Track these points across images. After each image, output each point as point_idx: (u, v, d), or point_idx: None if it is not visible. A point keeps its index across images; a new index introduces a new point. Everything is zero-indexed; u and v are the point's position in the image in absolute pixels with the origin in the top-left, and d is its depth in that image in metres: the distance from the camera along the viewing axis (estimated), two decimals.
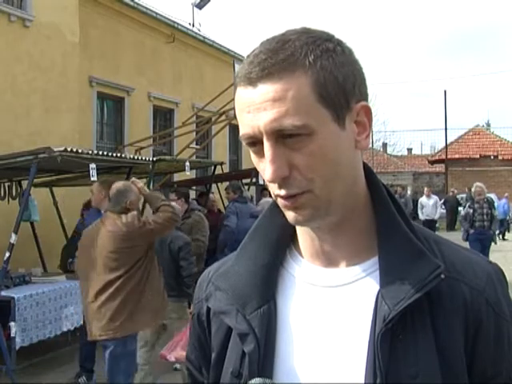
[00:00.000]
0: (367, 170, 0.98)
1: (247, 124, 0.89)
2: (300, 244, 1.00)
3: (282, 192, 0.89)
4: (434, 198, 17.92)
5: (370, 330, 0.90)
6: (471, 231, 10.90)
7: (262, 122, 0.87)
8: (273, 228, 1.01)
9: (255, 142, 0.90)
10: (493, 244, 11.40)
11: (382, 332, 0.87)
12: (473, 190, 11.54)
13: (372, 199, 0.97)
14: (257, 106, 0.87)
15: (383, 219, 0.95)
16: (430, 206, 17.33)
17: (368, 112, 0.92)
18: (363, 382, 0.88)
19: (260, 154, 0.90)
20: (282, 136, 0.87)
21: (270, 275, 0.98)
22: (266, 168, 0.88)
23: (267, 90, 0.86)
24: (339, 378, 0.90)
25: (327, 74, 0.87)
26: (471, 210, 11.03)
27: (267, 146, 0.88)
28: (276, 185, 0.89)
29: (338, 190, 0.90)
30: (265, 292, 0.96)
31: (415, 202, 19.75)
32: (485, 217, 10.91)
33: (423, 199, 17.90)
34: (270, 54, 0.87)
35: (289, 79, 0.86)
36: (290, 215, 0.91)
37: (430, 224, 16.65)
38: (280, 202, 0.91)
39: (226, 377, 0.97)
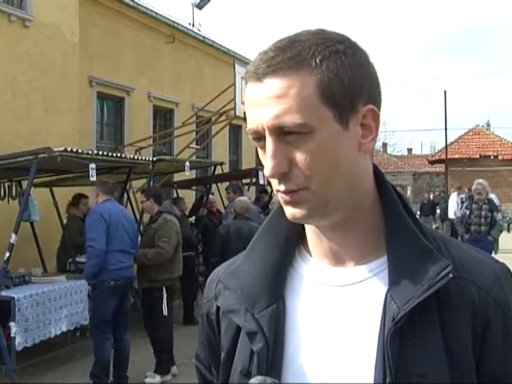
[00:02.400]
0: (377, 171, 0.99)
1: (252, 119, 0.91)
2: (308, 243, 1.01)
3: (282, 187, 0.91)
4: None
5: (379, 329, 0.90)
6: (466, 237, 9.15)
7: (265, 118, 0.88)
8: (281, 227, 1.02)
9: (260, 138, 0.92)
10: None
11: (391, 331, 0.88)
12: (473, 188, 9.59)
13: (381, 200, 0.98)
14: (261, 102, 0.89)
15: (391, 219, 0.96)
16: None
17: (375, 116, 0.92)
18: (372, 381, 0.88)
19: (264, 149, 0.92)
20: (283, 133, 0.88)
21: (279, 274, 0.98)
22: (266, 163, 0.90)
23: (272, 86, 0.88)
24: (348, 377, 0.90)
25: (333, 75, 0.88)
26: (467, 212, 9.28)
27: (269, 141, 0.89)
28: (276, 180, 0.91)
29: (336, 189, 0.91)
30: (273, 291, 0.97)
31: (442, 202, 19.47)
32: (482, 220, 9.12)
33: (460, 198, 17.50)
34: (277, 52, 0.89)
35: (293, 77, 0.87)
36: (288, 211, 0.93)
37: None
38: (280, 196, 0.93)
39: (235, 376, 0.98)
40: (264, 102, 0.88)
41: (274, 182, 0.92)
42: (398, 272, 0.91)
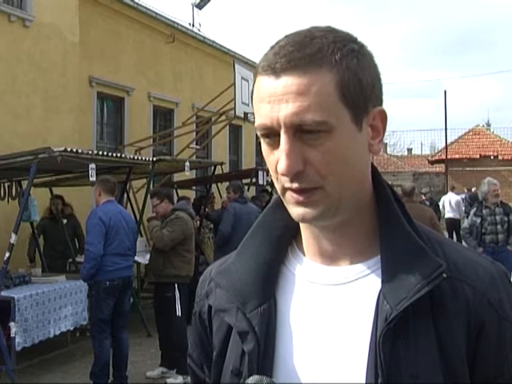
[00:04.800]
0: (374, 170, 0.98)
1: (265, 114, 0.88)
2: (303, 242, 1.00)
3: (294, 185, 0.88)
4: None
5: (371, 329, 0.89)
6: (480, 250, 7.07)
7: (283, 114, 0.86)
8: (275, 225, 1.01)
9: (270, 134, 0.89)
10: None
11: (383, 332, 0.87)
12: (484, 188, 7.55)
13: (376, 199, 0.97)
14: (278, 98, 0.86)
15: (386, 219, 0.95)
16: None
17: (383, 117, 0.92)
18: (364, 381, 0.88)
19: (273, 146, 0.89)
20: (300, 130, 0.87)
21: (271, 273, 0.98)
22: (280, 160, 0.88)
23: (291, 82, 0.86)
24: (340, 377, 0.90)
25: (352, 74, 0.88)
26: (478, 220, 7.46)
27: (284, 138, 0.87)
28: (288, 178, 0.89)
29: (349, 189, 0.90)
30: (265, 290, 0.96)
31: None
32: (499, 227, 7.39)
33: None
34: (297, 47, 0.87)
35: (314, 74, 0.86)
36: (298, 211, 0.90)
37: None
38: (290, 195, 0.90)
39: (227, 375, 0.97)
40: (281, 98, 0.86)
41: (285, 180, 0.89)
42: (391, 272, 0.90)
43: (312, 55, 0.86)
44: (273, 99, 0.87)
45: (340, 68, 0.87)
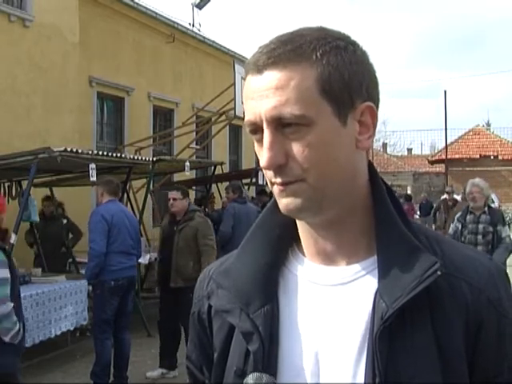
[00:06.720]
0: (372, 170, 0.98)
1: (250, 111, 0.91)
2: (302, 242, 1.00)
3: (278, 180, 0.90)
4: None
5: (368, 328, 0.89)
6: None
7: (263, 109, 0.88)
8: (274, 226, 1.01)
9: (257, 130, 0.91)
10: None
11: (379, 330, 0.87)
12: (466, 190, 6.67)
13: (373, 198, 0.97)
14: (260, 93, 0.89)
15: (381, 218, 0.95)
16: None
17: (373, 113, 0.92)
18: (363, 380, 0.88)
19: (261, 142, 0.91)
20: (281, 124, 0.88)
21: (272, 274, 0.98)
22: (262, 154, 0.90)
23: (271, 77, 0.88)
24: (341, 377, 0.90)
25: (333, 69, 0.88)
26: (459, 225, 6.47)
27: (266, 133, 0.89)
28: (272, 172, 0.91)
29: (332, 184, 0.90)
30: (267, 291, 0.97)
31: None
32: (479, 237, 6.28)
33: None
34: (278, 44, 0.89)
35: (293, 69, 0.87)
36: (283, 202, 0.92)
37: None
38: (275, 188, 0.92)
39: (230, 376, 0.97)
40: (263, 94, 0.88)
41: (270, 175, 0.91)
42: (387, 271, 0.91)
43: (292, 51, 0.88)
44: (256, 95, 0.89)
45: (320, 63, 0.88)
